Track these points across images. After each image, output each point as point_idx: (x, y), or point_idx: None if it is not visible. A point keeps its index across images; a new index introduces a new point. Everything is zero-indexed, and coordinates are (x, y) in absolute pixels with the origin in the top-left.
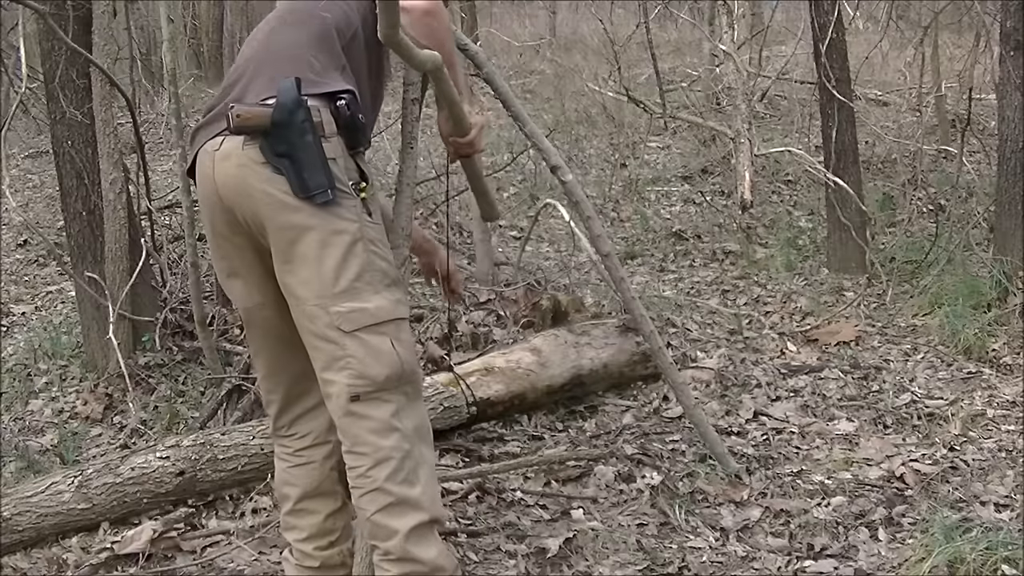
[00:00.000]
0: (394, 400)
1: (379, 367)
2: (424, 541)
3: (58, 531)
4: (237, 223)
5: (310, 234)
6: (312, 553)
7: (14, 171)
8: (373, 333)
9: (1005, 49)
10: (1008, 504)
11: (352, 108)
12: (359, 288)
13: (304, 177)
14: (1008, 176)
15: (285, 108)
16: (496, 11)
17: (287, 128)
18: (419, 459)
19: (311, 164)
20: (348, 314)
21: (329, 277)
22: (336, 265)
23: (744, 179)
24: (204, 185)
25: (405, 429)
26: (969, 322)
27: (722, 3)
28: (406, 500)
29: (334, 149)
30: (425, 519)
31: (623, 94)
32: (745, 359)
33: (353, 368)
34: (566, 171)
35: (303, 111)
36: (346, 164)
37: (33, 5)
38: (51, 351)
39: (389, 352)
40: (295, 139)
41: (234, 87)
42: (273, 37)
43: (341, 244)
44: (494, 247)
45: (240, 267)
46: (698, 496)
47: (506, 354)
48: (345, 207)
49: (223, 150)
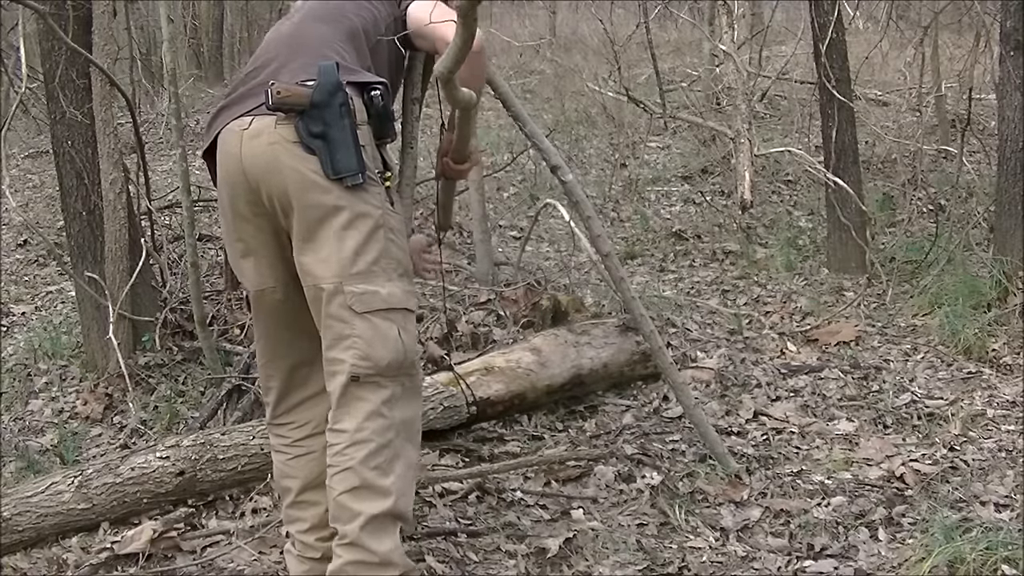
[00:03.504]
0: (390, 388)
1: (383, 351)
2: (381, 532)
3: (58, 531)
4: (259, 203)
5: (336, 215)
6: (314, 544)
7: (14, 171)
8: (382, 318)
9: (1005, 49)
10: (1008, 504)
11: (384, 99)
12: (375, 272)
13: (337, 158)
14: (1008, 176)
15: (326, 89)
16: (496, 11)
17: (326, 108)
18: (398, 451)
19: (345, 147)
20: (361, 295)
21: (348, 257)
22: (357, 247)
23: (744, 179)
24: (228, 163)
25: (392, 419)
26: (969, 322)
27: (722, 3)
28: (373, 486)
29: (364, 136)
30: (387, 509)
31: (623, 94)
32: (745, 359)
33: (359, 348)
34: (566, 171)
35: (342, 94)
36: (373, 152)
37: (33, 5)
38: (51, 351)
39: (395, 339)
40: (333, 120)
41: (263, 70)
42: (303, 28)
43: (364, 228)
44: (494, 247)
45: (256, 247)
46: (698, 496)
47: (506, 354)
48: (371, 193)
49: (253, 128)
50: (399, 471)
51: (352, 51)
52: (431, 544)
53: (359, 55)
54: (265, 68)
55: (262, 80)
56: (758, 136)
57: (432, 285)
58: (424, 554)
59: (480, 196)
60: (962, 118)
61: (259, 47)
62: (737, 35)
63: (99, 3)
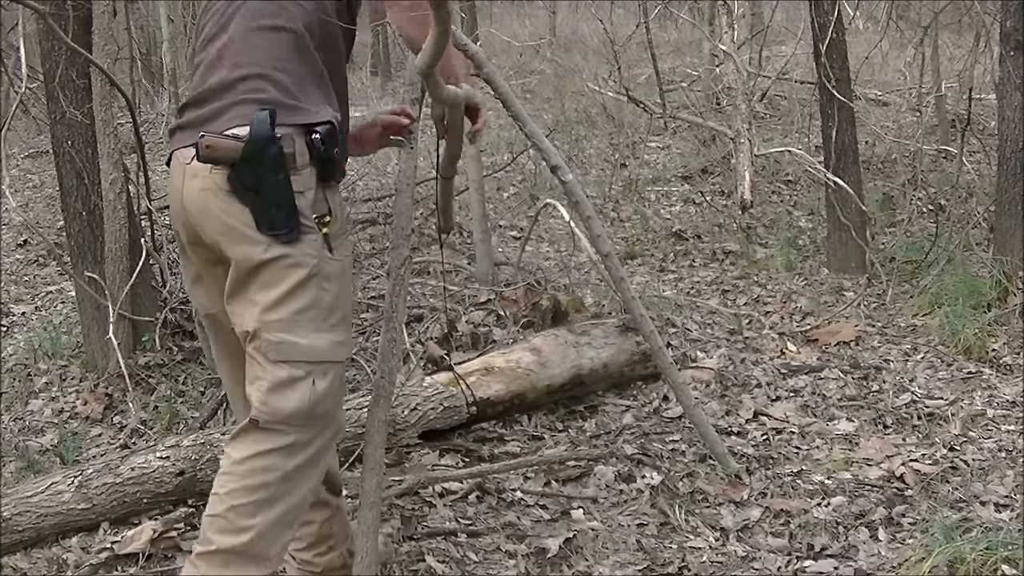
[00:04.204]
0: (293, 436)
1: (286, 402)
2: (224, 568)
3: (58, 531)
4: (200, 239)
5: (266, 267)
6: (313, 560)
7: (14, 171)
8: (297, 368)
9: (1005, 49)
10: (1008, 504)
11: (328, 143)
12: (298, 322)
13: (269, 214)
14: (1008, 176)
15: (257, 144)
16: (496, 11)
17: (257, 164)
18: (278, 498)
19: (277, 201)
20: (278, 344)
21: (269, 305)
22: (282, 295)
23: (744, 179)
24: (172, 194)
25: (284, 467)
26: (969, 322)
27: (722, 3)
28: (234, 522)
29: (304, 181)
30: (241, 546)
31: (623, 94)
32: (745, 359)
33: (263, 393)
34: (566, 171)
35: (275, 147)
36: (315, 196)
37: (33, 5)
38: (51, 351)
39: (304, 391)
40: (264, 176)
41: (206, 103)
42: (247, 47)
43: (294, 278)
44: (494, 247)
45: (204, 273)
46: (698, 496)
47: (506, 354)
48: (306, 242)
49: (192, 167)
50: (272, 516)
51: (300, 65)
52: (431, 544)
53: (307, 65)
54: (208, 102)
55: (206, 116)
56: (758, 136)
57: (432, 285)
58: (424, 554)
59: (480, 196)
60: (962, 118)
61: (202, 40)
62: (737, 35)
63: (99, 3)
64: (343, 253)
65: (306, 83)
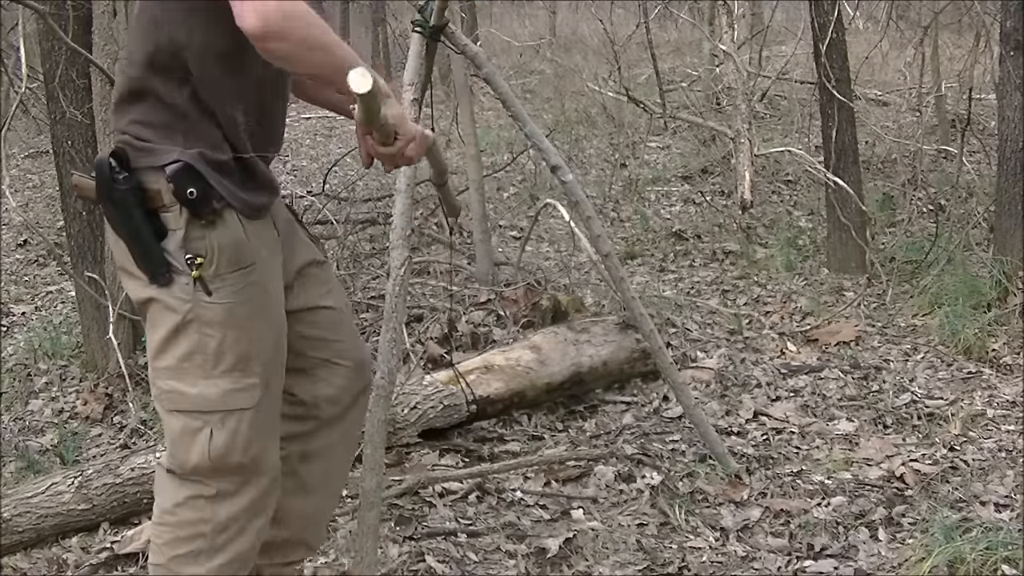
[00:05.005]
0: (214, 487)
1: (187, 455)
2: None
3: (58, 531)
4: None
5: (147, 307)
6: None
7: (14, 171)
8: (190, 418)
9: (1005, 49)
10: (1008, 504)
11: (180, 184)
12: (185, 369)
13: (137, 255)
14: (1008, 176)
15: (103, 190)
16: (496, 11)
17: (112, 207)
18: (214, 552)
19: (139, 245)
20: (169, 392)
21: (157, 350)
22: (162, 341)
23: (744, 179)
24: None
25: (215, 516)
26: (969, 322)
27: (722, 3)
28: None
29: (175, 220)
30: None
31: (623, 94)
32: (745, 359)
33: (169, 443)
34: (566, 171)
35: (119, 192)
36: (186, 235)
37: (33, 5)
38: (51, 351)
39: (203, 443)
40: (121, 219)
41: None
42: (126, 62)
43: (169, 323)
44: (494, 247)
45: None
46: (698, 496)
47: (506, 352)
48: (177, 284)
49: None
50: (216, 563)
51: (164, 84)
52: (431, 544)
53: (173, 86)
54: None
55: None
56: (758, 136)
57: (432, 285)
58: (424, 554)
59: (480, 196)
60: (962, 118)
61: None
62: (737, 35)
63: (99, 3)
64: (236, 294)
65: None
